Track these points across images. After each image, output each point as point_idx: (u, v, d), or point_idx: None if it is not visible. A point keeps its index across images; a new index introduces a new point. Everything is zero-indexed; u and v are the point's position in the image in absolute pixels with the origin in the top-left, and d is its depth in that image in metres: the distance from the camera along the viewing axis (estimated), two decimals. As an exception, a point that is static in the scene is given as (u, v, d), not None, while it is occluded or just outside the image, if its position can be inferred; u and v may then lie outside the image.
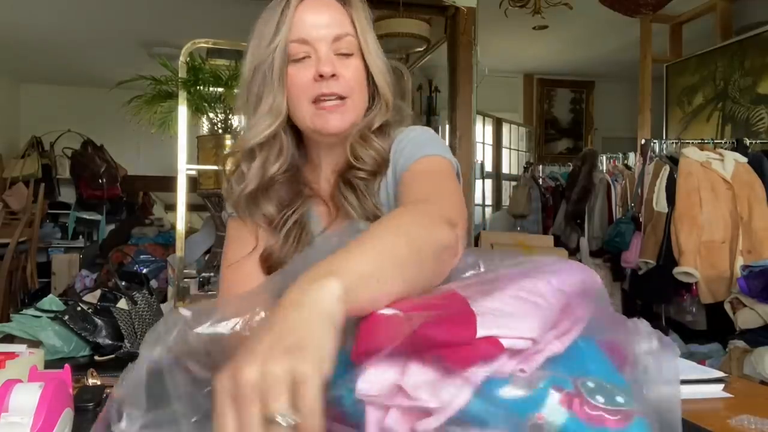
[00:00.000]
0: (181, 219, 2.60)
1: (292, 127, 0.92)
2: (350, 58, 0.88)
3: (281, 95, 0.86)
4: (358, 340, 0.46)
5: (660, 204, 3.02)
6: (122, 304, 2.27)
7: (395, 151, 0.91)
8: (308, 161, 0.97)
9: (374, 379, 0.44)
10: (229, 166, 0.96)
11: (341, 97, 0.87)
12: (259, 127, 0.87)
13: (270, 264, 0.91)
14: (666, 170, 3.06)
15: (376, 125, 0.90)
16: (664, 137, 4.55)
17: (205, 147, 2.69)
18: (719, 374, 0.99)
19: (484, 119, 5.71)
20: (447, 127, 3.47)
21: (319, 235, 0.92)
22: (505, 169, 6.08)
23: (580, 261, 3.78)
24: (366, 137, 0.90)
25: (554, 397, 0.43)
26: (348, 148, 0.89)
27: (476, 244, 3.37)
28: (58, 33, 4.64)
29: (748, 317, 2.38)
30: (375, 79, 0.90)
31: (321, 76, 0.85)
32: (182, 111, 2.58)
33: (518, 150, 6.30)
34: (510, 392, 0.43)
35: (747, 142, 3.23)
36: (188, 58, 2.64)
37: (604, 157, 4.27)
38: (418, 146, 0.88)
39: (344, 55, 0.87)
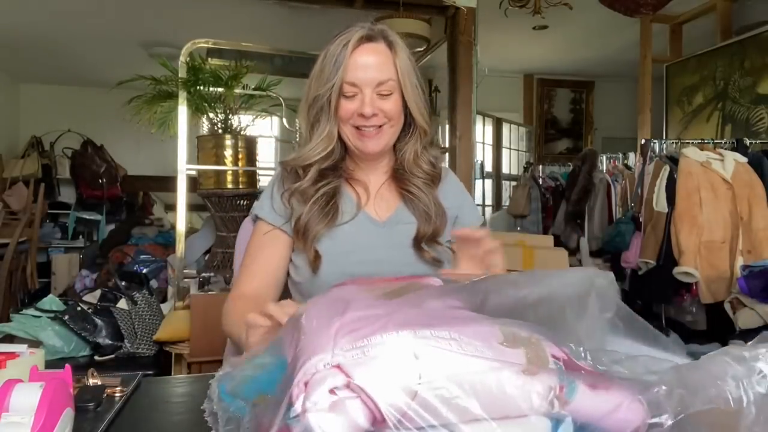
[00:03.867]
0: (181, 219, 2.60)
1: (340, 138, 1.14)
2: (390, 96, 1.10)
3: (334, 124, 1.10)
4: None
5: (660, 204, 3.02)
6: (122, 304, 2.28)
7: (460, 191, 1.26)
8: (351, 158, 1.20)
9: None
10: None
11: (379, 126, 1.10)
12: (317, 149, 1.11)
13: (298, 229, 1.10)
14: (666, 170, 3.06)
15: (420, 149, 1.17)
16: (664, 137, 4.55)
17: (205, 147, 2.69)
18: (719, 374, 0.99)
19: (484, 119, 5.71)
20: (447, 127, 3.47)
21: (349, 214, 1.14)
22: (505, 169, 6.08)
23: (579, 261, 3.78)
24: (416, 161, 1.17)
25: None
26: (407, 168, 1.17)
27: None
28: (58, 33, 4.64)
29: (748, 317, 2.38)
30: (411, 113, 1.13)
31: (363, 115, 1.07)
32: (182, 111, 2.58)
33: (518, 150, 6.30)
34: None
35: (747, 142, 3.22)
36: (188, 58, 2.64)
37: (604, 157, 4.27)
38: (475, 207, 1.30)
39: (385, 95, 1.09)
